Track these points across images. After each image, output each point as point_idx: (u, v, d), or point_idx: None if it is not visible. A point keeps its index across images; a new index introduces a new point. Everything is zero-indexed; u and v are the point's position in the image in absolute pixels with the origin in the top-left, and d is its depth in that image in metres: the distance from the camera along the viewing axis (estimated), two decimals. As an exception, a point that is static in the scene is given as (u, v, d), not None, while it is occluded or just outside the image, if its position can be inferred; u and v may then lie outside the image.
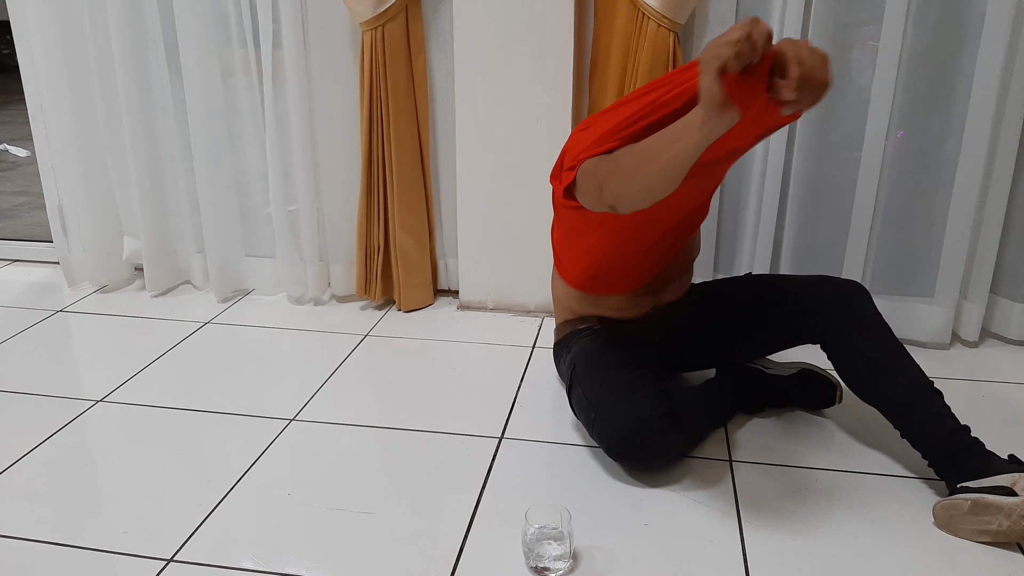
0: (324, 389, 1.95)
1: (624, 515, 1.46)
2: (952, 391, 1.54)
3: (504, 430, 1.76)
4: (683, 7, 2.00)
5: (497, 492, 1.54)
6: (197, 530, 1.44)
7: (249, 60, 2.35)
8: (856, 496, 1.51)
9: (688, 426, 1.61)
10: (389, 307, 2.45)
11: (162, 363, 2.10)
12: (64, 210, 2.58)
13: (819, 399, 1.79)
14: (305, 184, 2.37)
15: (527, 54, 2.14)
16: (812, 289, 1.65)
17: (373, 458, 1.67)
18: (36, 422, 1.81)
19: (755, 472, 1.59)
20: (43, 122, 2.50)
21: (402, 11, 2.16)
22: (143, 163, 2.45)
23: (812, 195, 2.17)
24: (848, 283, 1.64)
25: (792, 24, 2.01)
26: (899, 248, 2.17)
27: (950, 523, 1.40)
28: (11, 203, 4.10)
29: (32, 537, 1.42)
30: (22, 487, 1.58)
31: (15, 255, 2.94)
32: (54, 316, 2.42)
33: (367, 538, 1.42)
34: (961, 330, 2.18)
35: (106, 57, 2.36)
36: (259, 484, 1.58)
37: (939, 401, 1.50)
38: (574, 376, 1.68)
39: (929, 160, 2.09)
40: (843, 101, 2.10)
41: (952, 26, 1.98)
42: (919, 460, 1.51)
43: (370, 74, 2.19)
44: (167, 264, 2.60)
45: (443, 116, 2.35)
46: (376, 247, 2.36)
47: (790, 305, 1.66)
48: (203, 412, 1.85)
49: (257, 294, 2.57)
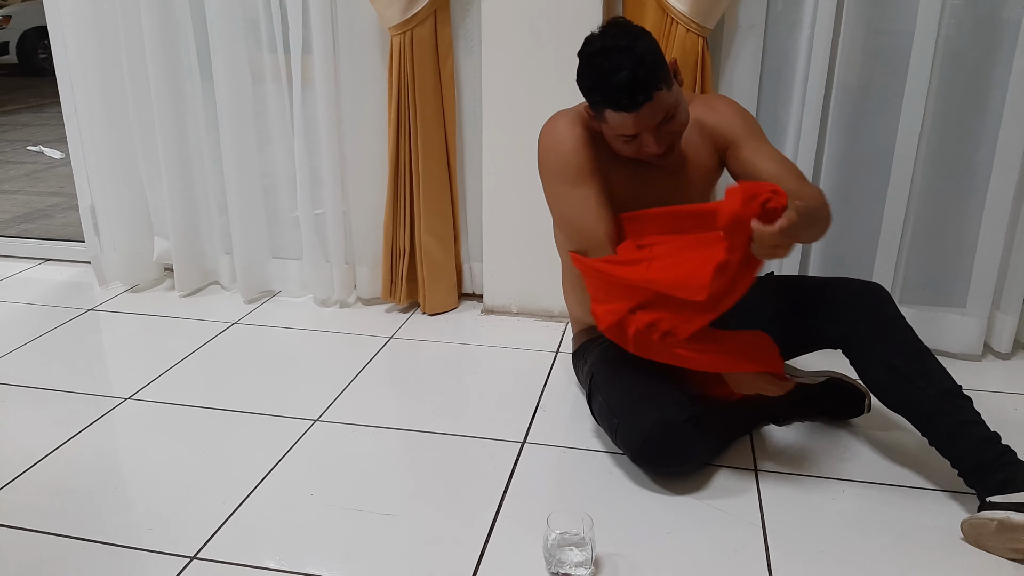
0: (348, 391, 1.96)
1: (647, 522, 1.45)
2: (984, 403, 1.50)
3: (527, 435, 1.75)
4: (712, 12, 1.99)
5: (519, 497, 1.54)
6: (220, 528, 1.45)
7: (279, 64, 2.37)
8: (884, 509, 1.49)
9: (712, 431, 1.60)
10: (414, 310, 2.46)
11: (189, 362, 2.12)
12: (96, 210, 2.62)
13: (848, 408, 1.76)
14: (332, 187, 2.38)
15: (555, 59, 2.14)
16: (831, 292, 1.61)
17: (395, 460, 1.68)
18: (65, 418, 1.83)
19: (781, 482, 1.57)
20: (77, 124, 2.54)
21: (430, 16, 2.17)
22: (174, 165, 2.48)
23: (842, 202, 2.14)
24: (868, 285, 1.60)
25: (823, 31, 1.99)
26: (930, 257, 2.14)
27: (979, 540, 1.37)
28: (45, 203, 4.17)
29: (59, 532, 1.44)
30: (50, 482, 1.60)
31: (48, 254, 2.99)
32: (85, 315, 2.46)
33: (388, 540, 1.42)
34: (993, 341, 2.14)
35: (139, 61, 2.39)
36: (282, 484, 1.58)
37: (967, 407, 1.46)
38: (593, 385, 1.67)
39: (961, 168, 2.05)
40: (875, 108, 2.07)
41: (986, 33, 1.95)
42: (949, 471, 1.48)
43: (398, 78, 2.20)
44: (196, 265, 2.62)
45: (470, 121, 2.35)
46: (402, 250, 2.37)
47: (808, 309, 1.62)
48: (229, 411, 1.86)
49: (284, 296, 2.59)
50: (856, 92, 2.08)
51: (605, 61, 1.43)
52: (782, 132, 2.15)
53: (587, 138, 1.59)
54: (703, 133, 1.64)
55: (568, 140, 1.59)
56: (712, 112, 1.65)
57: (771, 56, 2.12)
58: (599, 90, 1.46)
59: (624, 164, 1.61)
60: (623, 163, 1.61)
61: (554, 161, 1.61)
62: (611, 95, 1.43)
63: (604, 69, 1.43)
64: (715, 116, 1.65)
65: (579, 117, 1.61)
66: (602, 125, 1.53)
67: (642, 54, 1.42)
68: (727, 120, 1.64)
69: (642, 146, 1.50)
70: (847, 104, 2.08)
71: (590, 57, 1.47)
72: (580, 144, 1.58)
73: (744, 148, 1.63)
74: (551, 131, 1.62)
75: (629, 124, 1.46)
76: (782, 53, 2.11)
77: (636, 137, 1.49)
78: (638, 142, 1.50)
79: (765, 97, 2.15)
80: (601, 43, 1.46)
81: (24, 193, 4.42)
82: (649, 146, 1.49)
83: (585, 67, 1.49)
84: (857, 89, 2.08)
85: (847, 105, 2.08)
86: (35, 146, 5.70)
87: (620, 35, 1.46)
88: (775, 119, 2.16)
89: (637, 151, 1.52)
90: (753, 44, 2.09)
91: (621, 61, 1.41)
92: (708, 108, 1.66)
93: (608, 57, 1.43)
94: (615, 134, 1.50)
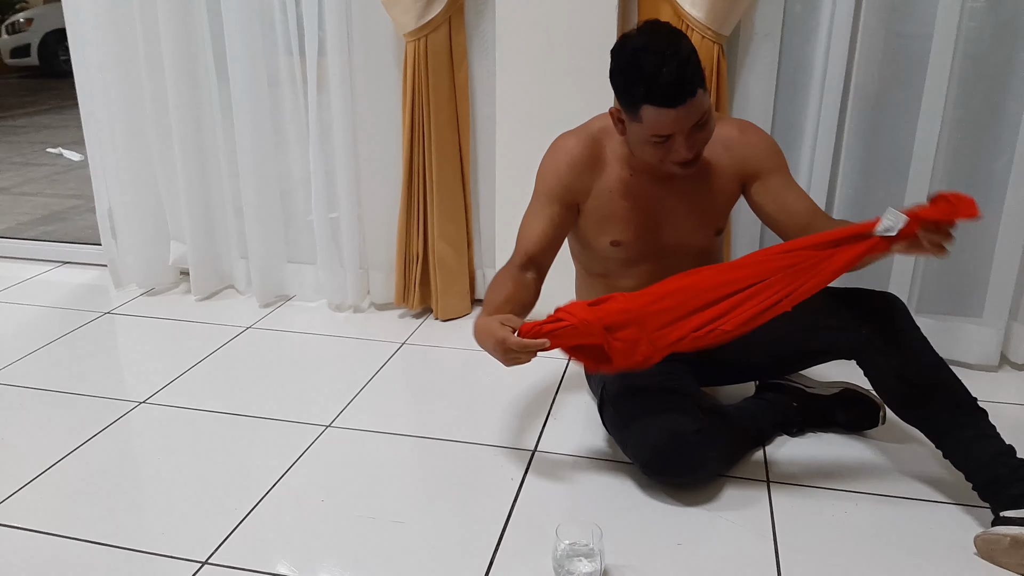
0: (360, 396, 1.96)
1: (657, 533, 1.45)
2: (1000, 415, 1.49)
3: (538, 443, 1.75)
4: (728, 19, 1.98)
5: (529, 506, 1.53)
6: (232, 533, 1.45)
7: (294, 68, 2.39)
8: (897, 522, 1.48)
9: (724, 442, 1.59)
10: (427, 315, 2.46)
11: (204, 366, 2.13)
12: (114, 214, 2.64)
13: (861, 420, 1.75)
14: (347, 192, 2.39)
15: (569, 65, 2.14)
16: (845, 303, 1.59)
17: (406, 467, 1.68)
18: (80, 422, 1.85)
19: (793, 494, 1.56)
20: (95, 127, 2.57)
21: (445, 22, 2.17)
22: (191, 169, 2.50)
23: (858, 210, 2.13)
24: (883, 296, 1.58)
25: (840, 36, 1.97)
26: (947, 266, 2.12)
27: (992, 555, 1.35)
28: (64, 206, 4.22)
29: (72, 535, 1.45)
30: (65, 485, 1.61)
31: (65, 257, 3.02)
32: (101, 318, 2.48)
33: (398, 547, 1.42)
34: (1011, 352, 2.11)
35: (157, 64, 2.41)
36: (294, 489, 1.59)
37: (982, 421, 1.45)
38: (605, 394, 1.67)
39: (980, 176, 2.03)
40: (892, 115, 2.06)
41: (1006, 38, 1.93)
42: (963, 484, 1.46)
43: (412, 84, 2.21)
44: (212, 269, 2.64)
45: (484, 126, 2.36)
46: (415, 256, 2.37)
47: (822, 319, 1.60)
48: (242, 416, 1.87)
49: (298, 300, 2.60)
50: (873, 98, 2.06)
51: (651, 55, 1.41)
52: (799, 139, 2.14)
53: (583, 162, 1.61)
54: (730, 156, 1.62)
55: (555, 161, 1.65)
56: (743, 137, 1.63)
57: (787, 62, 2.10)
58: (643, 84, 1.42)
59: (640, 177, 1.60)
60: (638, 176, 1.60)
61: (541, 170, 1.68)
62: (656, 88, 1.40)
63: (650, 63, 1.41)
64: (747, 142, 1.63)
65: (587, 137, 1.63)
66: (631, 127, 1.50)
67: (687, 53, 1.41)
68: (760, 150, 1.63)
69: (671, 150, 1.47)
70: (864, 111, 2.06)
71: (634, 52, 1.44)
72: (567, 169, 1.62)
73: (774, 181, 1.62)
74: (552, 147, 1.68)
75: (668, 121, 1.43)
76: (798, 59, 2.10)
77: (668, 139, 1.46)
78: (668, 145, 1.47)
79: (781, 104, 2.14)
80: (644, 40, 1.44)
81: (44, 195, 4.47)
82: (680, 149, 1.46)
83: (627, 62, 1.45)
84: (874, 95, 2.06)
85: (864, 112, 2.06)
86: (55, 148, 5.76)
87: (664, 34, 1.45)
88: (791, 126, 2.14)
89: (664, 156, 1.49)
90: (769, 51, 2.08)
91: (668, 57, 1.40)
92: (740, 133, 1.63)
93: (654, 52, 1.41)
94: (648, 135, 1.46)
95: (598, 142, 1.63)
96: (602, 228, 1.65)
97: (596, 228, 1.66)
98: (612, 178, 1.62)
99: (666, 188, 1.60)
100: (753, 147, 1.63)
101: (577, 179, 1.62)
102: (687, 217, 1.63)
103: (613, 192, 1.62)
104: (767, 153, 1.64)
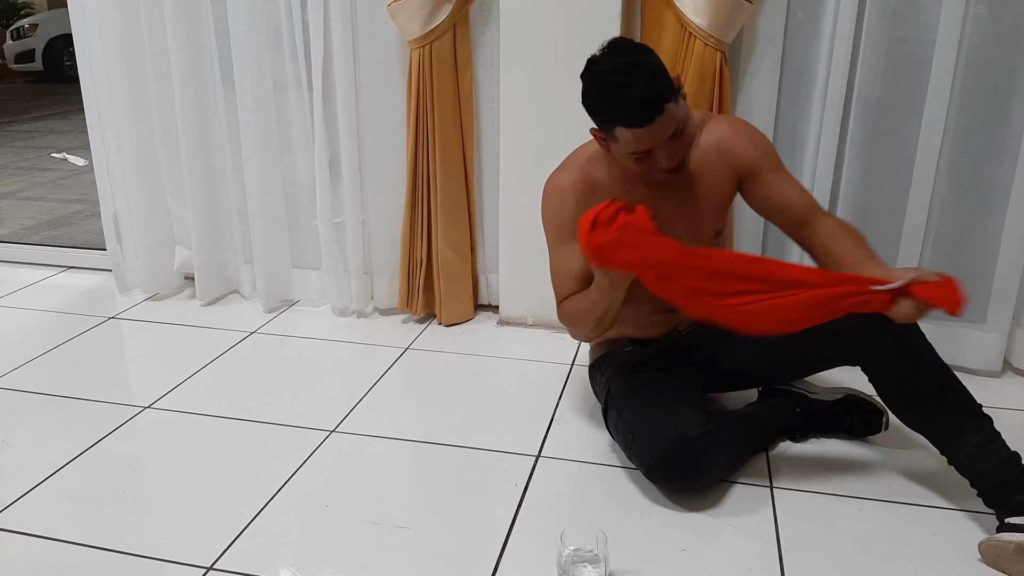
0: (364, 401, 1.97)
1: (661, 539, 1.45)
2: (1004, 421, 1.49)
3: (541, 448, 1.76)
4: (730, 27, 1.99)
5: (533, 511, 1.54)
6: (237, 539, 1.46)
7: (300, 74, 2.40)
8: (901, 528, 1.48)
9: (728, 448, 1.59)
10: (430, 320, 2.47)
11: (209, 371, 2.14)
12: (119, 219, 2.65)
13: (865, 426, 1.75)
14: (352, 197, 2.40)
15: (572, 72, 2.12)
16: None
17: (410, 472, 1.68)
18: (85, 427, 1.86)
19: (797, 499, 1.56)
20: (101, 133, 2.58)
21: (450, 29, 2.18)
22: (197, 174, 2.51)
23: (862, 216, 2.13)
24: None
25: (843, 42, 1.98)
26: (950, 271, 2.08)
27: (997, 562, 1.35)
28: (69, 210, 4.23)
29: (78, 540, 1.46)
30: (70, 490, 1.62)
31: (70, 261, 3.03)
32: (106, 323, 2.49)
33: (403, 553, 1.42)
34: (1014, 358, 2.11)
35: (163, 70, 2.42)
36: (299, 495, 1.60)
37: (987, 427, 1.46)
38: (609, 398, 1.67)
39: (983, 182, 2.03)
40: (895, 121, 2.06)
41: (1008, 44, 1.94)
42: (967, 490, 1.46)
43: (417, 90, 2.22)
44: (217, 273, 2.65)
45: (488, 133, 2.36)
46: (419, 261, 2.38)
47: (827, 325, 1.59)
48: (247, 421, 1.88)
49: (303, 305, 2.61)
50: (876, 104, 2.07)
51: (617, 78, 1.42)
52: (801, 145, 2.14)
53: (584, 192, 1.61)
54: (723, 155, 1.62)
55: (558, 201, 1.64)
56: (736, 136, 1.63)
57: (790, 69, 2.11)
58: (612, 108, 1.44)
59: (636, 187, 1.61)
60: (635, 187, 1.61)
61: (546, 217, 1.68)
62: (624, 111, 1.42)
63: (616, 86, 1.42)
64: (740, 141, 1.63)
65: (577, 169, 1.64)
66: (611, 146, 1.52)
67: (652, 68, 1.42)
68: (752, 147, 1.63)
69: (654, 162, 1.49)
70: (867, 116, 2.07)
71: (600, 75, 1.45)
72: (574, 205, 1.61)
73: (769, 177, 1.63)
74: (547, 189, 1.68)
75: (642, 139, 1.44)
76: (801, 66, 2.10)
77: (648, 154, 1.47)
78: (650, 159, 1.48)
79: (784, 110, 2.14)
80: (609, 62, 1.45)
81: (48, 200, 4.48)
82: (661, 161, 1.48)
83: (595, 87, 1.46)
84: (877, 101, 2.07)
85: (867, 117, 2.07)
86: (59, 153, 5.77)
87: (628, 52, 1.45)
88: (794, 132, 2.15)
89: (649, 168, 1.51)
90: (772, 58, 2.08)
91: (633, 77, 1.40)
92: (732, 131, 1.64)
93: (619, 74, 1.42)
94: (627, 152, 1.48)
95: (587, 171, 1.63)
96: None
97: None
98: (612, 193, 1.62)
99: (662, 193, 1.60)
100: (744, 145, 1.63)
101: (579, 206, 1.60)
102: (685, 221, 1.63)
103: None
104: (759, 150, 1.64)
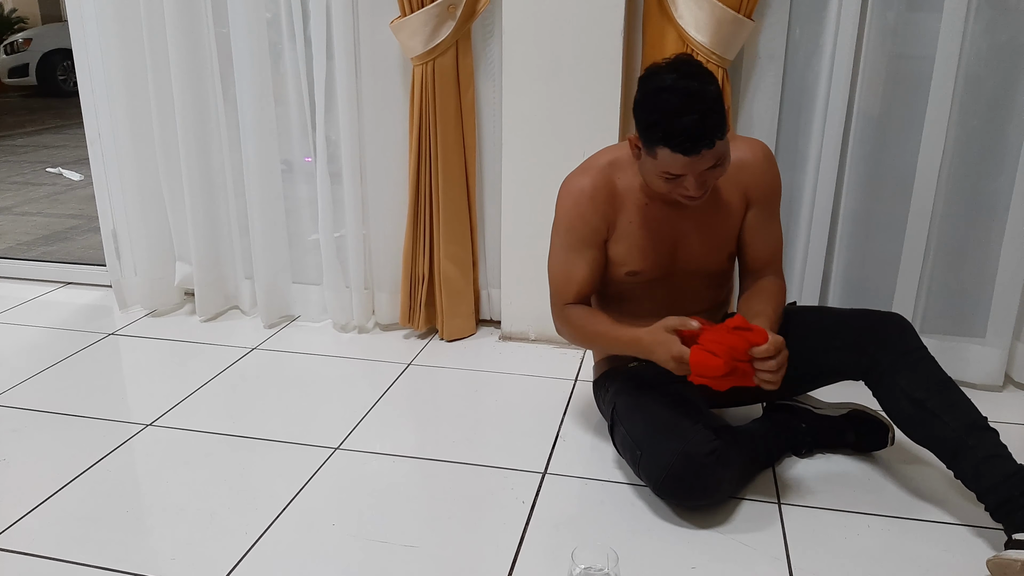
0: (368, 418, 1.96)
1: (671, 557, 1.44)
2: (1005, 435, 1.49)
3: (547, 465, 1.75)
4: (732, 44, 2.00)
5: (541, 529, 1.53)
6: (243, 559, 1.45)
7: (302, 89, 2.40)
8: (909, 544, 1.48)
9: (737, 464, 1.58)
10: (432, 336, 2.46)
11: (210, 388, 2.13)
12: (118, 234, 2.64)
13: (871, 441, 1.75)
14: (353, 212, 2.40)
15: (575, 88, 2.15)
16: (853, 323, 1.61)
17: (416, 490, 1.67)
18: (86, 445, 1.84)
19: (805, 515, 1.56)
20: (100, 148, 2.57)
21: (452, 46, 2.19)
22: (197, 189, 2.50)
23: (862, 229, 2.15)
24: (890, 316, 1.59)
25: (843, 58, 2.00)
26: (951, 285, 2.13)
27: (1007, 578, 1.35)
28: (65, 225, 4.21)
29: (80, 560, 1.44)
30: (72, 510, 1.60)
31: (68, 277, 3.01)
32: (105, 339, 2.48)
33: (412, 573, 1.41)
34: (1015, 372, 2.12)
35: (164, 86, 2.42)
36: (304, 513, 1.58)
37: (993, 441, 1.45)
38: (616, 415, 1.67)
39: (982, 196, 2.05)
40: (895, 136, 2.07)
41: (1006, 60, 1.95)
42: (974, 506, 1.47)
43: (420, 106, 2.22)
44: (217, 289, 2.64)
45: (490, 148, 2.37)
46: (421, 276, 2.38)
47: (831, 340, 1.61)
48: (249, 439, 1.87)
49: (303, 320, 2.60)
50: (876, 120, 2.08)
51: (675, 99, 1.38)
52: (803, 160, 2.15)
53: (604, 198, 1.61)
54: (740, 179, 1.62)
55: (576, 203, 1.62)
56: (755, 163, 1.63)
57: (791, 85, 2.12)
58: (662, 127, 1.40)
59: (656, 201, 1.61)
60: (654, 200, 1.61)
61: (560, 219, 1.66)
62: (674, 136, 1.39)
63: (672, 107, 1.38)
64: (757, 169, 1.63)
65: (598, 173, 1.62)
66: (645, 157, 1.49)
67: (712, 101, 1.39)
68: (766, 181, 1.65)
69: (681, 187, 1.48)
70: (867, 132, 2.08)
71: (659, 91, 1.41)
72: (591, 209, 1.60)
73: (761, 214, 1.67)
74: (565, 192, 1.65)
75: (680, 166, 1.42)
76: (802, 82, 2.12)
77: (680, 177, 1.45)
78: (679, 182, 1.47)
79: (785, 126, 2.15)
80: (672, 79, 1.40)
81: (44, 215, 4.46)
82: (689, 189, 1.47)
83: (650, 100, 1.42)
84: (877, 117, 2.08)
85: (867, 133, 2.08)
86: (54, 168, 5.75)
87: (692, 74, 1.41)
88: (795, 147, 2.16)
89: (672, 190, 1.49)
90: (773, 74, 2.10)
91: (692, 104, 1.37)
92: (753, 158, 1.63)
93: (678, 95, 1.38)
94: (660, 171, 1.46)
95: (609, 177, 1.62)
96: (622, 260, 1.65)
97: (617, 261, 1.66)
98: (631, 209, 1.62)
99: (680, 212, 1.61)
100: (761, 175, 1.64)
101: (602, 218, 1.62)
102: (701, 242, 1.64)
103: (633, 223, 1.63)
104: (769, 187, 1.66)
